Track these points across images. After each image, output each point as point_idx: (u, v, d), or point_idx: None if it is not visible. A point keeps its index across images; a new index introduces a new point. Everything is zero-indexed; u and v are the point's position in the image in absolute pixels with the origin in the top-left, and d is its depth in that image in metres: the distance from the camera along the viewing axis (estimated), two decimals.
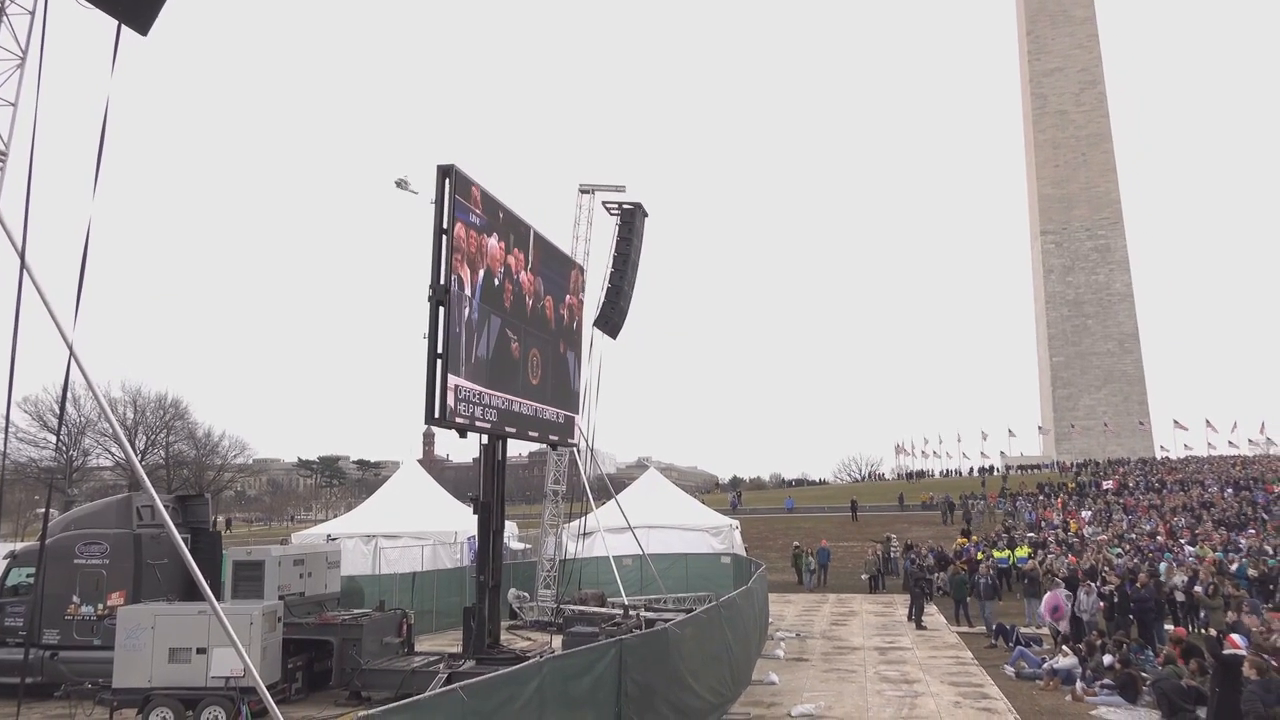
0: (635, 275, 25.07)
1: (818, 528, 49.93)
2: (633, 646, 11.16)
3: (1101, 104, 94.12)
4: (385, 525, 29.60)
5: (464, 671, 14.28)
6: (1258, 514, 43.69)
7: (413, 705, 7.38)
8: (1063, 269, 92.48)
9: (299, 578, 17.42)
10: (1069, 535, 39.05)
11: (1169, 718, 13.62)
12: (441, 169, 14.64)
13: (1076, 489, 57.09)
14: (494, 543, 16.82)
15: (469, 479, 26.75)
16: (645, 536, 27.61)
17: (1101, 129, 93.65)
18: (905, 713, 14.14)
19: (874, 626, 24.32)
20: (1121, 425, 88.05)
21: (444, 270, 14.29)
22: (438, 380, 13.96)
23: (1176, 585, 22.05)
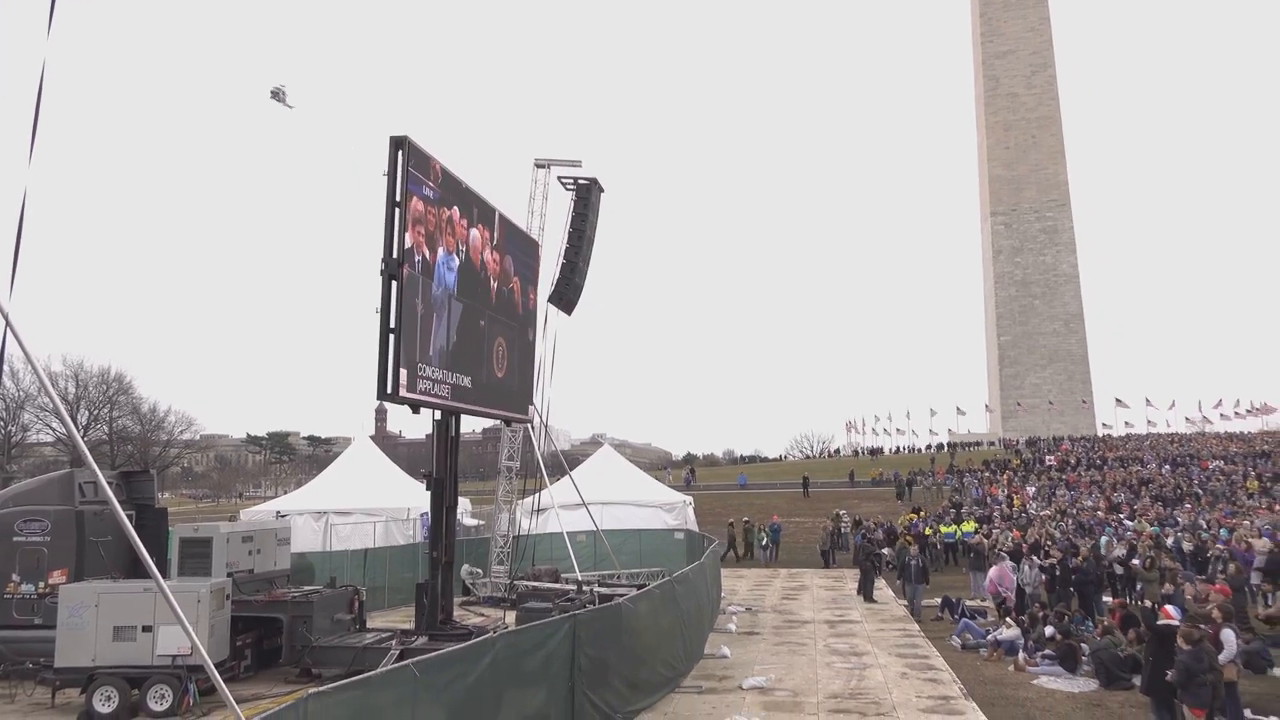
0: (590, 251, 24.96)
1: (770, 504, 50.51)
2: (586, 622, 11.23)
3: (1052, 87, 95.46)
4: (336, 502, 29.32)
5: (416, 648, 14.26)
6: (1193, 489, 45.14)
7: (364, 682, 7.34)
8: (1012, 250, 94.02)
9: (248, 555, 17.20)
10: (1014, 510, 40.03)
11: (1106, 686, 14.10)
12: (394, 140, 14.41)
13: (1022, 465, 58.42)
14: (447, 519, 16.76)
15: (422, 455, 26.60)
16: (599, 512, 27.69)
17: (1051, 112, 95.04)
18: (854, 684, 14.41)
19: (824, 601, 24.71)
20: (1065, 403, 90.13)
21: (396, 243, 14.10)
22: (390, 356, 13.81)
23: (1116, 559, 22.71)
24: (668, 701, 13.34)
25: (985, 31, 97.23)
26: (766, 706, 12.99)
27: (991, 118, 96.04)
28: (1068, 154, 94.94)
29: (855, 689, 14.08)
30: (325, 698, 6.63)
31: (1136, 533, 28.84)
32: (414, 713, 7.74)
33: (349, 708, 6.97)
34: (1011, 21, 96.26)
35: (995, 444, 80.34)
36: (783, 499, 54.96)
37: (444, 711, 8.31)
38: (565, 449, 67.61)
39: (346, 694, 6.96)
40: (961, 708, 12.90)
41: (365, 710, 7.17)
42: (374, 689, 7.38)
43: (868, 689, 14.07)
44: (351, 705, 7.01)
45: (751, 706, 12.97)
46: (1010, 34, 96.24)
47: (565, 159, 25.39)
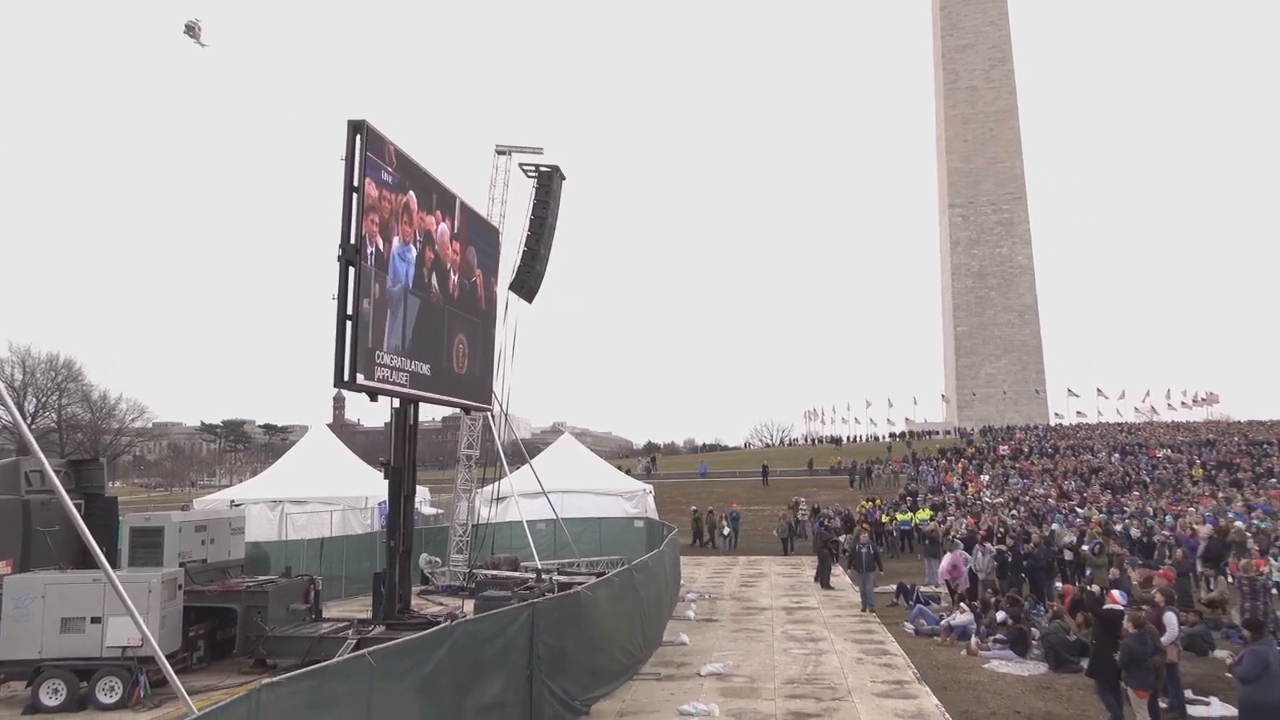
0: (552, 239, 24.84)
1: (729, 492, 50.84)
2: (545, 610, 11.22)
3: (1009, 81, 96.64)
4: (292, 490, 29.00)
5: (373, 637, 14.15)
6: (1141, 478, 46.23)
7: (320, 671, 7.27)
8: (969, 241, 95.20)
9: (201, 544, 16.93)
10: (968, 498, 40.69)
11: (1055, 669, 14.42)
12: (352, 124, 14.19)
13: (976, 454, 59.38)
14: (405, 508, 16.63)
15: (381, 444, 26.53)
16: (559, 501, 27.68)
17: (1009, 106, 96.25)
18: (810, 670, 14.58)
19: (782, 588, 24.95)
20: (1019, 393, 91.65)
21: (354, 229, 13.91)
22: (347, 343, 13.64)
23: (1066, 545, 23.18)
24: (626, 689, 13.39)
25: (945, 25, 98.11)
26: (724, 693, 13.10)
27: (950, 111, 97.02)
28: (1024, 148, 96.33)
29: (812, 674, 14.25)
30: (279, 688, 6.55)
31: (1086, 520, 29.47)
32: (370, 702, 7.68)
33: (303, 698, 6.89)
34: (971, 15, 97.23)
35: (951, 433, 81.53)
36: (742, 487, 55.36)
37: (401, 701, 8.26)
38: (525, 438, 67.40)
39: (301, 684, 6.88)
40: (915, 691, 13.11)
41: (320, 700, 7.09)
42: (329, 679, 7.30)
43: (824, 674, 14.24)
44: (306, 695, 6.94)
45: (709, 693, 13.07)
46: (970, 28, 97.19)
47: (527, 146, 25.22)
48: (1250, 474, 45.41)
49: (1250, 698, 9.47)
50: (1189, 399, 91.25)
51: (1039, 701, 12.62)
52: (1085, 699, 12.41)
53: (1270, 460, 48.95)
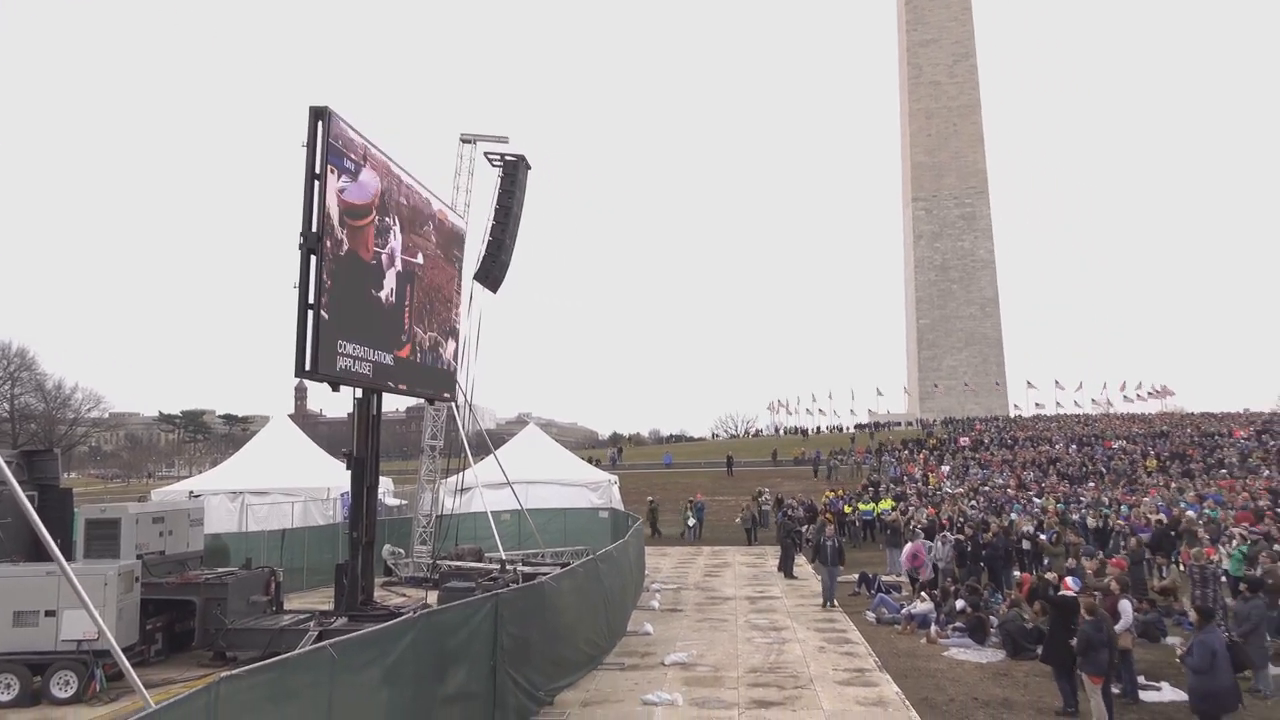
0: (517, 229, 24.69)
1: (694, 482, 51.02)
2: (509, 600, 11.20)
3: (973, 76, 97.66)
4: (253, 481, 28.64)
5: (335, 629, 14.05)
6: (1097, 468, 47.11)
7: (280, 664, 7.19)
8: (932, 235, 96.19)
9: (159, 536, 16.71)
10: (929, 489, 41.20)
11: (1013, 656, 14.68)
12: (314, 111, 14.00)
13: (938, 445, 60.10)
14: (368, 498, 16.51)
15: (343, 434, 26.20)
16: (524, 492, 27.60)
17: (971, 101, 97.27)
18: (773, 659, 14.70)
19: (746, 577, 25.11)
20: (980, 385, 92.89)
21: (316, 217, 13.74)
22: (309, 332, 13.49)
23: (1024, 535, 23.57)
24: (590, 679, 13.42)
25: (910, 20, 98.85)
26: (688, 682, 13.17)
27: (914, 105, 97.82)
28: (986, 141, 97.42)
29: (775, 663, 14.37)
30: (238, 681, 6.47)
31: (1043, 510, 29.96)
32: (332, 695, 7.61)
33: (264, 691, 6.82)
34: (935, 11, 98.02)
35: (913, 424, 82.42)
36: (707, 478, 55.57)
37: (363, 692, 8.21)
38: (490, 428, 67.13)
39: (261, 676, 6.80)
40: (876, 679, 13.28)
41: (281, 693, 7.02)
42: (290, 671, 7.22)
43: (787, 663, 14.37)
44: (266, 688, 6.86)
45: (673, 682, 13.13)
46: (934, 23, 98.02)
47: (492, 135, 25.04)
48: (1202, 465, 46.45)
49: (1201, 686, 9.72)
50: (1144, 391, 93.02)
51: (996, 688, 12.84)
52: (1041, 685, 12.65)
53: (1221, 451, 50.09)
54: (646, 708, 11.79)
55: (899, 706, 11.79)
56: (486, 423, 72.29)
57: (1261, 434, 55.36)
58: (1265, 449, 49.93)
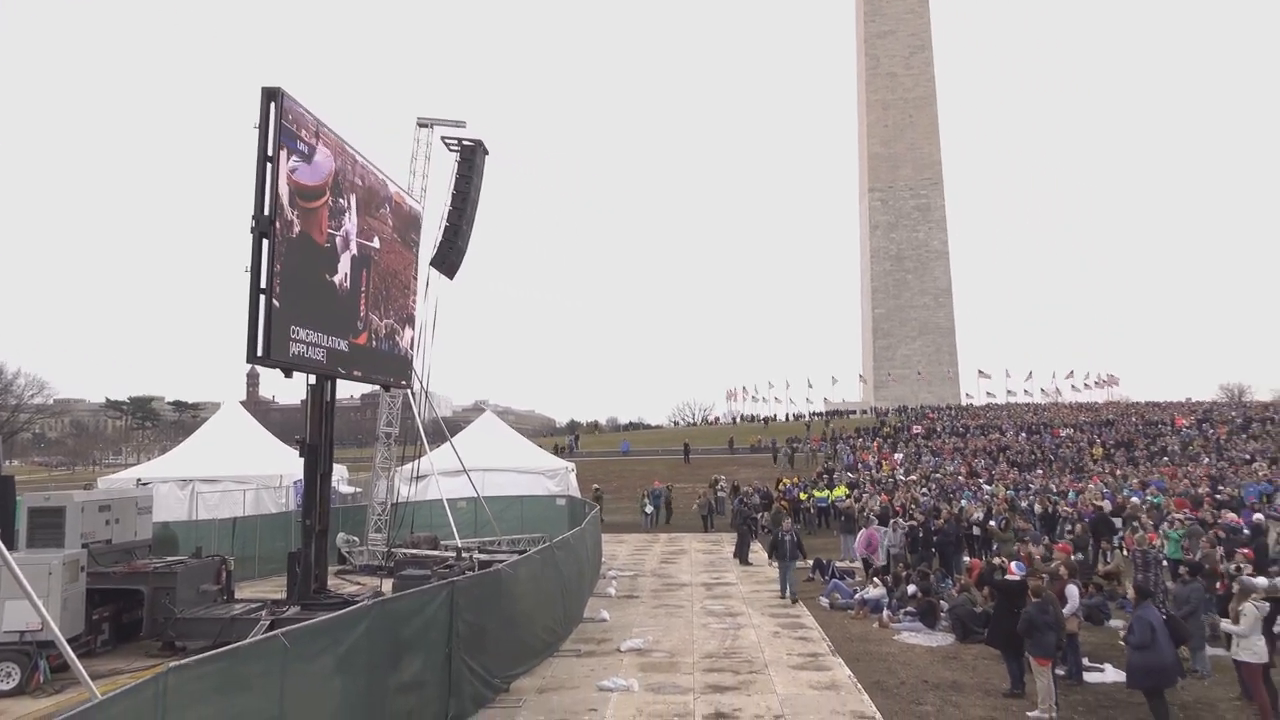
0: (474, 215, 24.46)
1: (652, 470, 51.15)
2: (465, 588, 11.17)
3: (928, 69, 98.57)
4: (204, 469, 28.17)
5: (288, 618, 13.89)
6: (1045, 456, 48.11)
7: (231, 653, 7.10)
8: (887, 225, 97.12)
9: (105, 525, 16.37)
10: (883, 476, 41.76)
11: (962, 639, 14.99)
12: (267, 91, 13.72)
13: (891, 433, 60.91)
14: (322, 486, 16.30)
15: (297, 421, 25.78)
16: (481, 479, 27.44)
17: (927, 92, 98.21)
18: (728, 644, 14.84)
19: (702, 564, 25.28)
20: (933, 374, 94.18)
21: (268, 200, 13.49)
22: (260, 317, 13.25)
23: (974, 521, 24.00)
24: (547, 665, 13.44)
25: (868, 11, 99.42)
26: (644, 667, 13.25)
27: (871, 96, 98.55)
28: (941, 133, 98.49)
29: (730, 648, 14.50)
30: (187, 671, 6.38)
31: (993, 496, 30.53)
32: (283, 684, 7.54)
33: (213, 681, 6.73)
34: (893, 3, 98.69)
35: (868, 412, 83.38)
36: (664, 465, 55.75)
37: (316, 682, 8.14)
38: (447, 415, 66.66)
39: (210, 666, 6.72)
40: (829, 664, 13.47)
41: (231, 682, 6.94)
42: (241, 660, 7.14)
43: (742, 648, 14.51)
44: (216, 678, 6.78)
45: (629, 668, 13.20)
46: (891, 14, 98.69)
47: (449, 119, 24.75)
48: (1145, 452, 47.67)
49: (1143, 662, 9.99)
50: (1091, 381, 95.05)
51: (946, 671, 13.09)
52: (990, 668, 12.92)
53: (1164, 439, 51.43)
54: (602, 693, 11.84)
55: (851, 690, 11.98)
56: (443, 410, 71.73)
57: (1202, 423, 56.91)
58: (1205, 437, 51.38)
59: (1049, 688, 10.80)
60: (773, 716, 10.72)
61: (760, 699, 11.52)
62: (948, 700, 11.52)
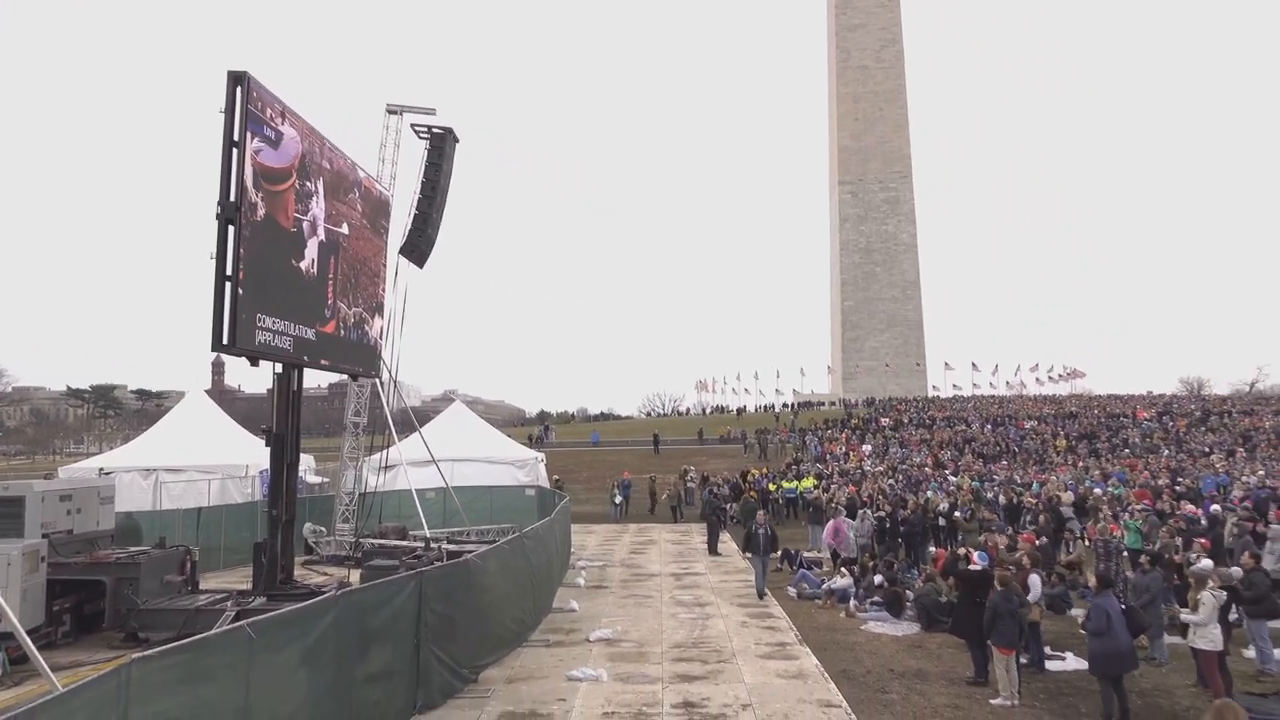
0: (444, 203, 24.28)
1: (621, 460, 51.21)
2: (433, 579, 11.13)
3: (899, 62, 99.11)
4: (168, 458, 27.81)
5: (254, 609, 13.74)
6: (1010, 447, 48.75)
7: (196, 644, 7.02)
8: (857, 218, 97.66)
9: (66, 514, 16.10)
10: (851, 467, 42.11)
11: (927, 628, 15.19)
12: (233, 75, 13.51)
13: (859, 425, 61.40)
14: (288, 476, 16.14)
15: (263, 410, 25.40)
16: (450, 470, 27.34)
17: (897, 86, 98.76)
18: (697, 634, 14.91)
19: (671, 554, 25.37)
20: (901, 366, 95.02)
21: (234, 186, 13.29)
22: (226, 304, 13.08)
23: (940, 512, 24.28)
24: (516, 656, 13.44)
25: (839, 4, 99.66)
26: (612, 657, 13.28)
27: (842, 89, 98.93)
28: (911, 127, 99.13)
29: (698, 638, 14.58)
30: (150, 662, 6.30)
31: (959, 487, 30.90)
32: (250, 675, 7.47)
33: (177, 672, 6.65)
34: None
35: (836, 404, 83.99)
36: (633, 455, 55.83)
37: (282, 673, 8.08)
38: (416, 405, 66.19)
39: (174, 658, 6.64)
40: (796, 653, 13.58)
41: (195, 674, 6.86)
42: (205, 652, 7.06)
43: (710, 638, 14.59)
44: (181, 669, 6.70)
45: (598, 658, 13.23)
46: (862, 8, 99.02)
47: (419, 106, 24.52)
48: (1107, 444, 48.46)
49: (1100, 649, 10.19)
50: (1055, 374, 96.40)
51: (911, 659, 13.26)
52: (954, 656, 13.10)
53: (1126, 431, 52.29)
54: (571, 683, 11.85)
55: (818, 678, 12.09)
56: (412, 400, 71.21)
57: (1163, 415, 57.94)
58: (1165, 430, 52.31)
59: (1012, 676, 10.98)
60: (740, 705, 10.79)
61: (728, 688, 11.60)
62: (913, 688, 11.66)
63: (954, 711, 10.67)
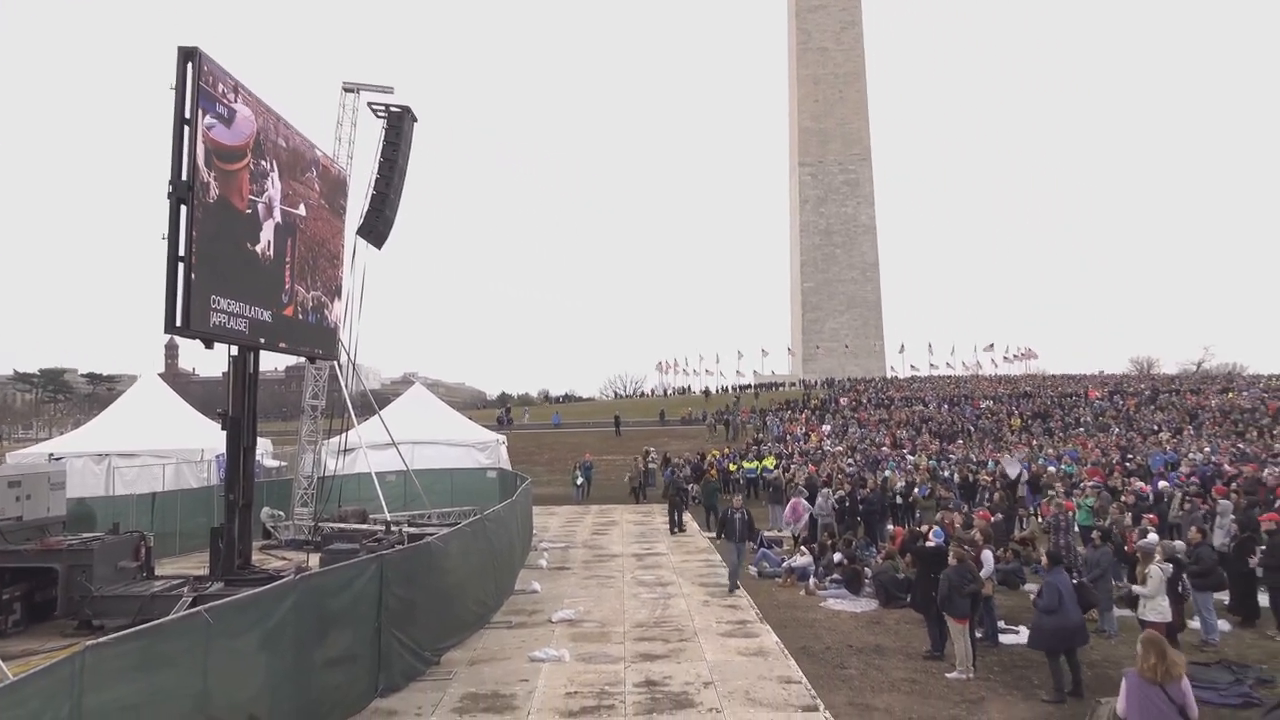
0: (402, 183, 23.97)
1: (583, 442, 51.22)
2: (394, 561, 11.08)
3: (858, 44, 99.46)
4: (120, 443, 27.31)
5: (211, 594, 13.58)
6: (966, 427, 49.54)
7: (152, 631, 6.94)
8: (817, 200, 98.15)
9: (15, 500, 15.79)
10: (811, 447, 42.53)
11: (885, 605, 15.43)
12: (183, 51, 13.19)
13: (819, 405, 61.98)
14: (245, 460, 15.94)
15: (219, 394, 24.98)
16: (410, 452, 27.18)
17: (857, 68, 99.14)
18: (659, 613, 15.02)
19: (633, 535, 25.48)
20: (860, 347, 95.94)
21: (186, 165, 13.01)
22: (179, 286, 12.83)
23: (898, 490, 24.66)
24: (478, 638, 13.44)
25: None
26: (575, 638, 13.33)
27: (803, 71, 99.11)
28: (870, 109, 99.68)
29: (660, 618, 14.68)
30: (105, 649, 6.22)
31: (916, 466, 31.37)
32: (208, 661, 7.41)
33: (133, 659, 6.57)
34: None
35: (796, 384, 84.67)
36: (595, 437, 55.87)
37: (241, 659, 8.01)
38: (375, 388, 65.56)
39: (129, 644, 6.55)
40: (757, 630, 13.74)
41: (151, 661, 6.78)
42: (162, 638, 6.98)
43: (672, 617, 14.70)
44: (136, 656, 6.62)
45: (560, 639, 13.27)
46: None
47: (376, 84, 24.16)
48: (1060, 423, 49.44)
49: (1052, 625, 10.44)
50: (1010, 354, 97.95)
51: (869, 635, 13.48)
52: (911, 632, 13.34)
53: (1078, 411, 53.38)
54: (534, 664, 11.88)
55: (778, 655, 12.24)
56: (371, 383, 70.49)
57: (1114, 394, 59.21)
58: (1116, 409, 53.49)
59: (967, 649, 11.21)
60: (702, 683, 10.90)
61: (690, 666, 11.70)
62: (871, 664, 11.86)
63: (911, 685, 10.88)
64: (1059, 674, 10.30)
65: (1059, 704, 10.01)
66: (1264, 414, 47.50)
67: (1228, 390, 59.02)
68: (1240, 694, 9.98)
